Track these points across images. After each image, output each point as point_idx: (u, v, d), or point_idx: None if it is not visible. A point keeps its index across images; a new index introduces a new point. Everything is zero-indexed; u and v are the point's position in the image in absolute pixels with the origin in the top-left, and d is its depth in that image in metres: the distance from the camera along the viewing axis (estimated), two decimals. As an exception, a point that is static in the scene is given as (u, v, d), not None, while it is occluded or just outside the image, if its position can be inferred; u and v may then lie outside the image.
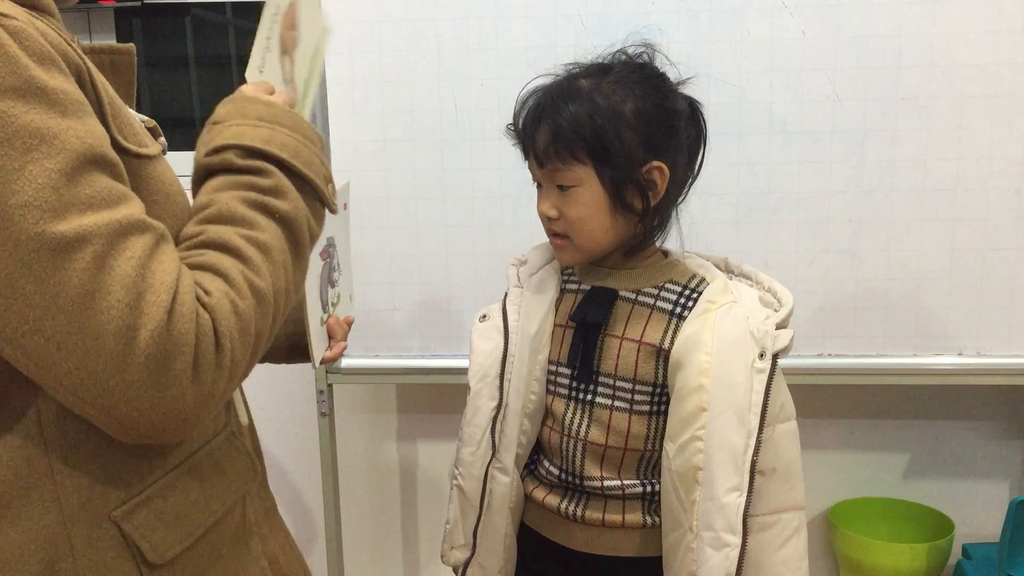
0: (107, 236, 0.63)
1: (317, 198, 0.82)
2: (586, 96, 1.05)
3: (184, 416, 0.66)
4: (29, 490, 0.70)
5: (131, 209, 0.66)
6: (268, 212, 0.75)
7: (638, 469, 1.14)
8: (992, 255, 1.60)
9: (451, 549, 1.26)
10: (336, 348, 1.17)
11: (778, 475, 1.07)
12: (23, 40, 0.63)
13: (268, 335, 0.74)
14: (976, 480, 1.91)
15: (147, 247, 0.65)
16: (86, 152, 0.64)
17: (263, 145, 0.77)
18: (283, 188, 0.77)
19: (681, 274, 1.14)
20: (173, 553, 0.75)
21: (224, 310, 0.68)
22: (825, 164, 1.60)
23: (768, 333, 1.04)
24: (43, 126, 0.62)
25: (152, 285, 0.63)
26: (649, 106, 1.06)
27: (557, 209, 1.08)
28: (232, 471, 0.83)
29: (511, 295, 1.20)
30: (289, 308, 0.78)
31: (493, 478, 1.18)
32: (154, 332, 0.62)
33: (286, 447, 2.04)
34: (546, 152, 1.06)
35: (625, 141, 1.04)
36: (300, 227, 0.78)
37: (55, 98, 0.63)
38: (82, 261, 0.61)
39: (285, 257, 0.76)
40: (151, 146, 0.76)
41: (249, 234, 0.73)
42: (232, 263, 0.71)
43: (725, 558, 1.02)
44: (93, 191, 0.63)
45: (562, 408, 1.16)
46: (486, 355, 1.18)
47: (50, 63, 0.64)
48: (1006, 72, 1.54)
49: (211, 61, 1.98)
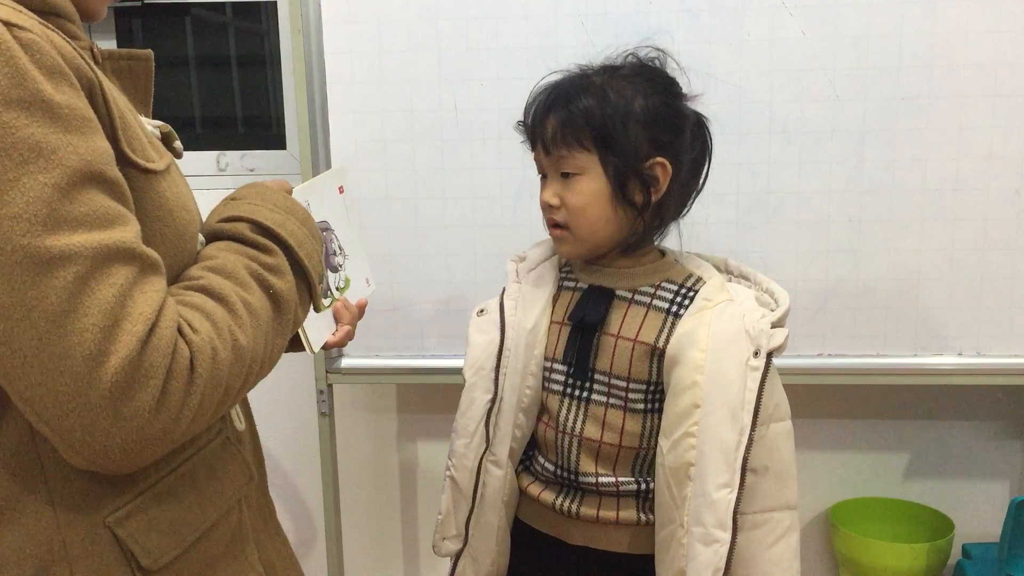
0: (93, 258, 0.62)
1: (308, 291, 0.85)
2: (598, 89, 1.08)
3: (138, 450, 0.65)
4: (23, 495, 0.70)
5: (124, 233, 0.65)
6: (264, 285, 0.77)
7: (633, 466, 1.15)
8: (992, 255, 1.60)
9: (443, 539, 1.27)
10: (340, 332, 1.11)
11: (771, 474, 1.08)
12: (34, 53, 0.63)
13: (236, 394, 0.74)
14: (976, 480, 1.91)
15: (132, 275, 0.65)
16: (84, 169, 0.64)
17: (274, 226, 0.80)
18: (283, 269, 0.80)
19: (678, 273, 1.15)
20: (167, 558, 0.75)
21: (205, 352, 0.68)
22: (825, 164, 1.60)
23: (763, 332, 1.04)
24: (43, 140, 0.62)
25: (130, 314, 0.63)
26: (657, 104, 1.09)
27: (559, 197, 1.10)
28: (227, 477, 0.83)
29: (509, 290, 1.21)
30: (261, 378, 0.79)
31: (486, 470, 1.19)
32: (124, 360, 0.62)
33: (286, 447, 2.04)
34: (553, 138, 1.09)
35: (632, 134, 1.07)
36: (288, 308, 0.80)
37: (59, 113, 0.63)
38: (63, 279, 0.61)
39: (268, 329, 0.77)
40: (158, 161, 0.76)
41: (243, 294, 0.74)
42: (223, 314, 0.72)
43: (714, 554, 1.03)
44: (87, 209, 0.63)
45: (557, 405, 1.16)
46: (482, 348, 1.19)
47: (60, 77, 0.64)
48: (1006, 72, 1.54)
49: (211, 61, 1.98)
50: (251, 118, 2.01)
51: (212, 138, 1.98)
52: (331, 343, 1.10)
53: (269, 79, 1.97)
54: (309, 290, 0.85)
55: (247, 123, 2.02)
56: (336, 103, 1.66)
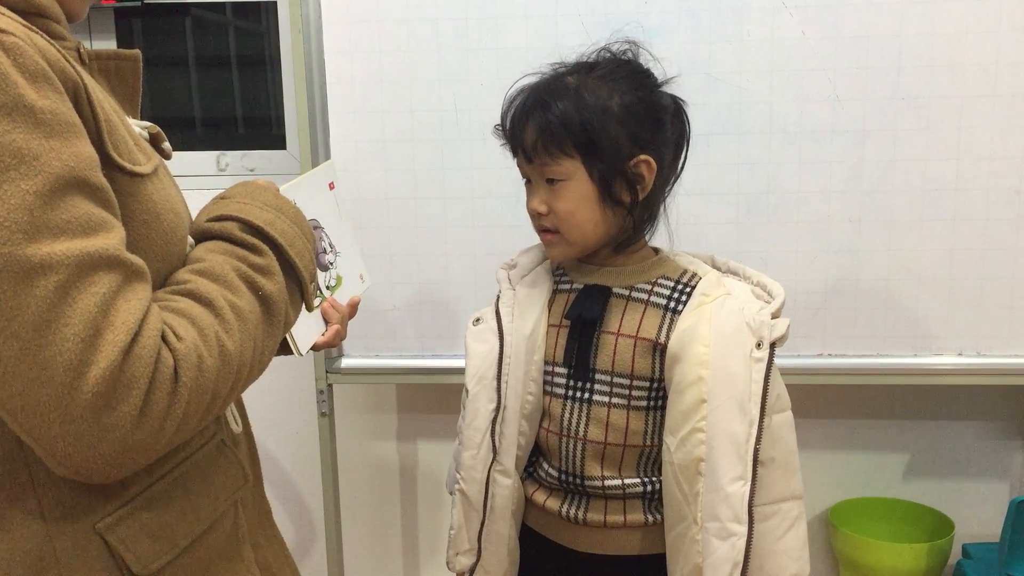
0: (75, 267, 0.61)
1: (299, 291, 0.84)
2: (573, 92, 1.07)
3: (121, 460, 0.65)
4: (11, 501, 0.69)
5: (107, 241, 0.64)
6: (253, 287, 0.77)
7: (638, 466, 1.14)
8: (992, 255, 1.60)
9: (456, 555, 1.25)
10: (329, 332, 1.06)
11: (776, 465, 1.08)
12: (17, 57, 0.62)
13: (224, 399, 0.73)
14: (976, 480, 1.91)
15: (115, 284, 0.64)
16: (67, 175, 0.62)
17: (264, 225, 0.80)
18: (272, 269, 0.79)
19: (673, 270, 1.15)
20: (159, 564, 0.74)
21: (190, 360, 0.67)
22: (825, 164, 1.60)
23: (764, 323, 1.05)
24: (24, 146, 0.61)
25: (113, 323, 0.62)
26: (635, 100, 1.08)
27: (547, 204, 1.10)
28: (220, 481, 0.82)
29: (503, 297, 1.20)
30: (250, 382, 0.78)
31: (495, 481, 1.18)
32: (105, 371, 0.61)
33: (286, 447, 2.04)
34: (534, 148, 1.08)
35: (612, 135, 1.06)
36: (278, 310, 0.79)
37: (42, 118, 0.62)
38: (44, 288, 0.60)
39: (257, 332, 0.76)
40: (145, 164, 0.75)
41: (231, 298, 0.74)
42: (210, 320, 0.71)
43: (732, 548, 1.03)
44: (70, 216, 0.62)
45: (559, 408, 1.16)
46: (482, 357, 1.18)
47: (43, 81, 0.63)
48: (1006, 72, 1.54)
49: (211, 61, 1.98)
50: (251, 118, 2.01)
51: (212, 138, 1.98)
52: (320, 344, 1.06)
53: (269, 79, 1.97)
54: (300, 290, 0.84)
55: (247, 123, 2.02)
56: (336, 103, 1.66)
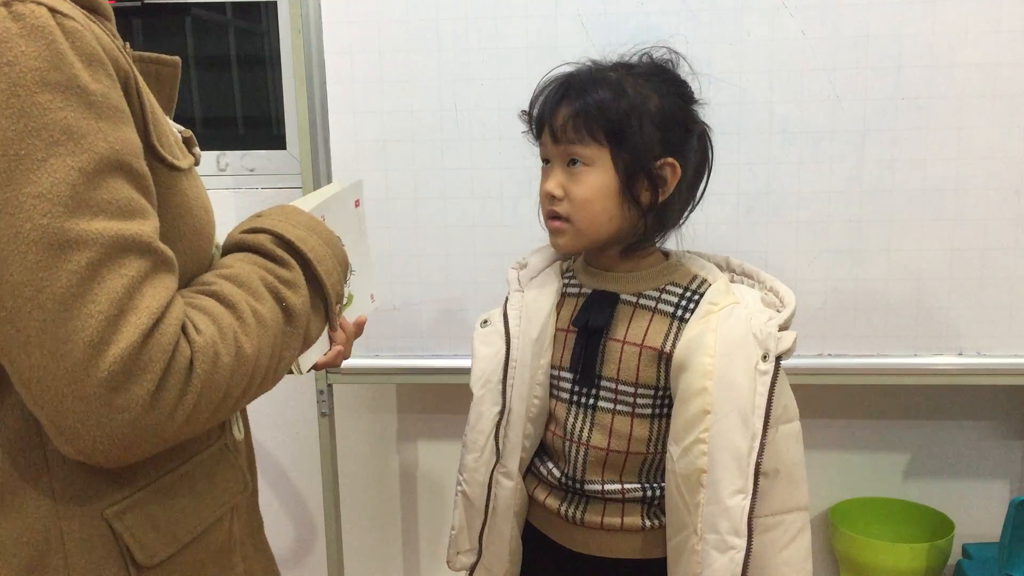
0: (108, 247, 0.63)
1: (324, 310, 0.85)
2: (615, 84, 1.07)
3: (126, 443, 0.65)
4: (24, 483, 0.70)
5: (143, 227, 0.66)
6: (277, 297, 0.78)
7: (640, 472, 1.14)
8: (992, 255, 1.60)
9: (457, 554, 1.26)
10: (331, 352, 1.06)
11: (781, 476, 1.07)
12: (75, 40, 0.64)
13: (236, 401, 0.74)
14: (976, 480, 1.91)
15: (144, 269, 0.65)
16: (112, 157, 0.64)
17: (295, 240, 0.81)
18: (298, 284, 0.80)
19: (682, 276, 1.14)
20: (160, 557, 0.75)
21: (207, 354, 0.68)
22: (825, 164, 1.60)
23: (771, 335, 1.03)
24: (74, 124, 0.63)
25: (137, 307, 0.64)
26: (671, 106, 1.08)
27: (563, 188, 1.08)
28: (222, 483, 0.84)
29: (512, 300, 1.19)
30: (264, 390, 0.79)
31: (498, 483, 1.18)
32: (124, 351, 0.62)
33: (286, 447, 2.04)
34: (564, 127, 1.06)
35: (645, 132, 1.06)
36: (300, 323, 0.80)
37: (93, 100, 0.64)
38: (76, 263, 0.62)
39: (276, 341, 0.77)
40: (183, 159, 0.77)
41: (254, 304, 0.75)
42: (231, 320, 0.72)
43: (730, 561, 1.02)
44: (110, 197, 0.64)
45: (564, 413, 1.16)
46: (488, 360, 1.17)
47: (98, 65, 0.65)
48: (1006, 72, 1.54)
49: (211, 61, 1.98)
50: (251, 118, 2.01)
51: (212, 138, 1.98)
52: (321, 364, 1.06)
53: (269, 79, 1.97)
54: (325, 307, 0.85)
55: (247, 123, 2.02)
56: (336, 103, 1.66)
